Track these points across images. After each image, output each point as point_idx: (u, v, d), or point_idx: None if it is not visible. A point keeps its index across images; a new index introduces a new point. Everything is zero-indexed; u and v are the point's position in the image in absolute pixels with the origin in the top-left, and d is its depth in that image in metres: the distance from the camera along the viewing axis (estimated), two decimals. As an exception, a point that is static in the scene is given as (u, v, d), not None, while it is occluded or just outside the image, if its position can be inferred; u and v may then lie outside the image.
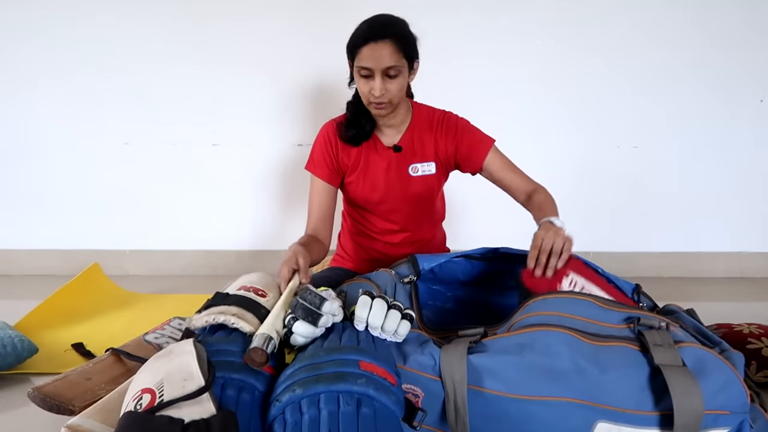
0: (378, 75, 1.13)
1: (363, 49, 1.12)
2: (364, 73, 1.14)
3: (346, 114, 1.29)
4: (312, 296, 0.85)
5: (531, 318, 0.91)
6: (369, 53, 1.12)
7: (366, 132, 1.26)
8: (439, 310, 1.21)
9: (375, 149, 1.29)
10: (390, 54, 1.12)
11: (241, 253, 2.04)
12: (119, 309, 1.64)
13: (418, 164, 1.29)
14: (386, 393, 0.74)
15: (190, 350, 0.73)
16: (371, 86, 1.15)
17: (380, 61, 1.12)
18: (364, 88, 1.17)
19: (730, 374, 0.78)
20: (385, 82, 1.14)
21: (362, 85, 1.17)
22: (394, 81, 1.15)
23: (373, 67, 1.12)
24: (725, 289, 1.93)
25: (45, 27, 1.82)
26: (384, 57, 1.12)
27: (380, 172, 1.29)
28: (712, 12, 1.82)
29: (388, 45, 1.12)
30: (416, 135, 1.30)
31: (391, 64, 1.13)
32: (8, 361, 1.22)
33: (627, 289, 1.08)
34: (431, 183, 1.31)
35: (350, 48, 1.17)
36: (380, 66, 1.12)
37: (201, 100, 1.90)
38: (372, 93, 1.15)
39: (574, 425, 0.80)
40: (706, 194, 1.98)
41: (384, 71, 1.13)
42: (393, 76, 1.14)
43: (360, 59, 1.14)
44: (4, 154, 1.93)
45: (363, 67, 1.14)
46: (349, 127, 1.26)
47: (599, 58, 1.87)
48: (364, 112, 1.25)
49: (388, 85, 1.15)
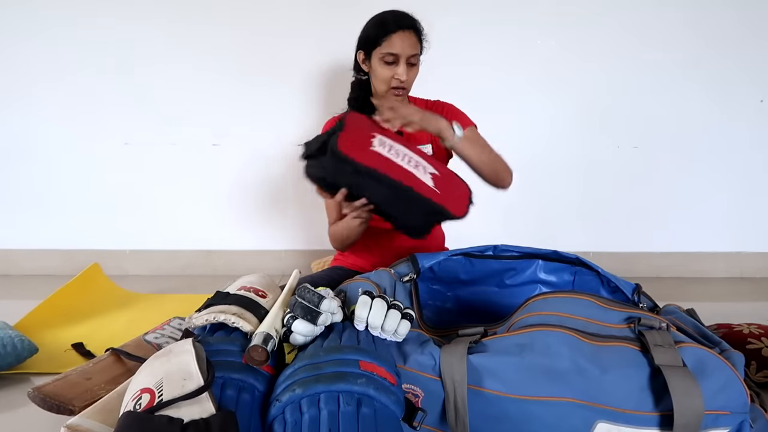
0: (403, 61, 1.22)
1: (393, 36, 1.20)
2: (389, 59, 1.22)
3: (348, 102, 1.35)
4: (310, 294, 0.85)
5: (531, 318, 0.91)
6: (399, 40, 1.20)
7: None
8: (439, 309, 1.21)
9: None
10: (414, 43, 1.22)
11: (240, 253, 2.04)
12: (119, 309, 1.64)
13: (418, 146, 1.32)
14: (386, 393, 0.74)
15: (189, 350, 0.73)
16: (395, 72, 1.22)
17: (407, 48, 1.21)
18: (386, 74, 1.23)
19: (730, 374, 0.78)
20: (408, 69, 1.23)
21: (385, 71, 1.23)
22: (413, 69, 1.25)
23: (401, 53, 1.21)
24: (725, 289, 1.93)
25: (45, 28, 1.83)
26: (410, 44, 1.21)
27: None
28: (704, 13, 1.82)
29: (413, 34, 1.22)
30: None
31: (414, 52, 1.23)
32: (8, 361, 1.22)
33: (627, 289, 1.08)
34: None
35: (373, 36, 1.23)
36: (407, 53, 1.21)
37: (201, 100, 1.90)
38: (396, 78, 1.22)
39: (574, 425, 0.80)
40: (706, 194, 1.98)
41: (408, 58, 1.22)
42: (413, 64, 1.25)
43: (389, 45, 1.21)
44: (4, 155, 1.93)
45: (391, 53, 1.21)
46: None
47: (600, 59, 1.87)
48: (366, 106, 1.28)
49: (409, 72, 1.24)
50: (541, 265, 1.18)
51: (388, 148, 1.09)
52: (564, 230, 2.03)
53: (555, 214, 2.01)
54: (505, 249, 1.18)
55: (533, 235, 2.03)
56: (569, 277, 1.14)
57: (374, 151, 1.07)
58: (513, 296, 1.18)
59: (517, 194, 1.97)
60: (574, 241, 2.03)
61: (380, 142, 1.10)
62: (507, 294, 1.21)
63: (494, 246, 1.18)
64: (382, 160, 1.07)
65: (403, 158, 1.10)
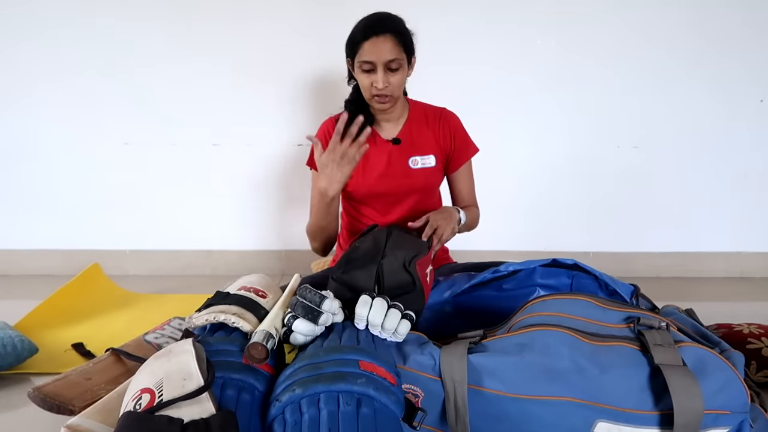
0: (380, 68, 1.17)
1: (365, 44, 1.16)
2: (366, 67, 1.18)
3: (345, 112, 1.30)
4: (312, 294, 0.85)
5: (530, 318, 0.91)
6: (371, 47, 1.16)
7: (365, 127, 1.27)
8: (438, 312, 1.21)
9: (374, 143, 1.30)
10: (391, 48, 1.16)
11: (241, 253, 2.04)
12: (119, 309, 1.64)
13: (417, 157, 1.32)
14: (386, 393, 0.74)
15: (189, 350, 0.73)
16: (373, 79, 1.19)
17: (382, 54, 1.16)
18: (366, 82, 1.20)
19: (730, 374, 0.78)
20: (387, 75, 1.18)
21: (364, 79, 1.20)
22: (396, 74, 1.19)
23: (375, 60, 1.16)
24: (725, 289, 1.93)
25: (45, 29, 1.82)
26: (385, 50, 1.16)
27: (380, 165, 1.31)
28: (706, 12, 1.82)
29: (388, 39, 1.16)
30: (414, 128, 1.32)
31: (392, 57, 1.17)
32: (8, 361, 1.22)
33: (625, 292, 1.08)
34: (431, 176, 1.34)
35: (351, 44, 1.20)
36: (382, 59, 1.16)
37: (201, 100, 1.90)
38: (374, 86, 1.19)
39: (574, 425, 0.80)
40: (706, 194, 1.98)
41: (386, 64, 1.17)
42: (394, 69, 1.19)
43: (362, 54, 1.17)
44: (5, 155, 1.93)
45: (365, 61, 1.17)
46: (348, 124, 1.27)
47: (600, 59, 1.87)
48: (363, 108, 1.27)
49: (390, 78, 1.19)
50: (539, 270, 1.18)
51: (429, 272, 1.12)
52: (564, 230, 2.03)
53: (554, 214, 2.01)
54: (502, 271, 1.16)
55: (533, 234, 2.03)
56: (567, 280, 1.14)
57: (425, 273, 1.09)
58: (511, 300, 1.17)
59: (517, 194, 1.99)
60: (573, 241, 2.03)
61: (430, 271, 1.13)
62: (505, 297, 1.20)
63: (493, 269, 1.16)
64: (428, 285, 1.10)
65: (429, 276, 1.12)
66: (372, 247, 1.10)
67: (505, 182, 1.96)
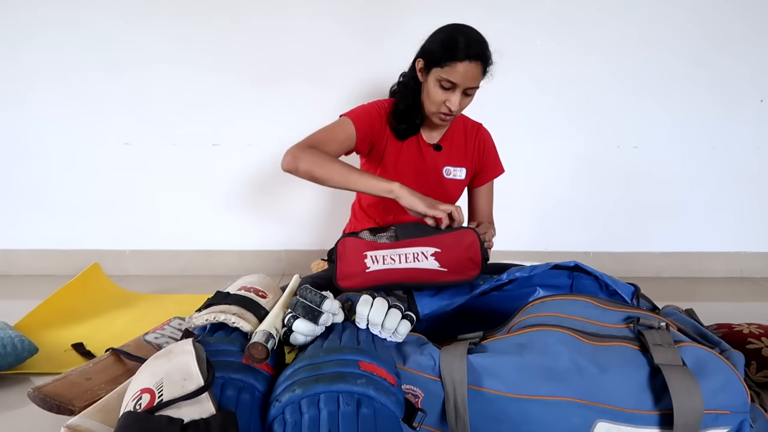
0: (460, 90, 1.15)
1: (459, 65, 1.12)
2: (446, 85, 1.15)
3: (395, 102, 1.27)
4: (312, 294, 0.85)
5: (530, 319, 0.91)
6: (464, 70, 1.13)
7: (415, 126, 1.27)
8: (438, 313, 1.21)
9: (417, 144, 1.30)
10: (478, 75, 1.15)
11: (241, 253, 2.04)
12: (119, 309, 1.64)
13: (451, 167, 1.33)
14: (386, 393, 0.74)
15: (189, 350, 0.73)
16: (448, 98, 1.16)
17: (470, 80, 1.14)
18: (439, 98, 1.17)
19: (730, 374, 0.78)
20: (462, 98, 1.17)
21: (439, 94, 1.17)
22: (468, 98, 1.19)
23: (460, 83, 1.14)
24: (725, 289, 1.93)
25: (46, 30, 1.83)
26: (474, 78, 1.14)
27: (419, 166, 1.31)
28: (707, 13, 1.82)
29: (479, 66, 1.14)
30: (454, 138, 1.33)
31: (476, 85, 1.16)
32: (8, 361, 1.22)
33: (626, 292, 1.08)
34: (459, 188, 1.36)
35: (440, 55, 1.15)
36: (467, 84, 1.14)
37: (201, 100, 1.90)
38: (447, 105, 1.16)
39: (574, 424, 0.80)
40: (706, 194, 1.98)
41: (466, 89, 1.15)
42: (469, 94, 1.18)
43: (450, 71, 1.13)
44: (5, 155, 1.93)
45: (449, 80, 1.14)
46: (400, 120, 1.25)
47: (599, 59, 1.87)
48: (416, 107, 1.25)
49: (463, 101, 1.18)
50: (539, 272, 1.17)
51: (382, 260, 1.09)
52: (564, 230, 2.03)
53: (555, 214, 2.01)
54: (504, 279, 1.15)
55: (533, 234, 2.03)
56: (567, 281, 1.14)
57: (371, 272, 1.08)
58: (511, 300, 1.17)
59: (517, 194, 1.99)
60: (573, 241, 2.03)
61: (372, 260, 1.10)
62: (505, 298, 1.20)
63: (497, 278, 1.15)
64: (381, 274, 1.08)
65: (402, 259, 1.09)
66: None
67: (505, 182, 1.95)
